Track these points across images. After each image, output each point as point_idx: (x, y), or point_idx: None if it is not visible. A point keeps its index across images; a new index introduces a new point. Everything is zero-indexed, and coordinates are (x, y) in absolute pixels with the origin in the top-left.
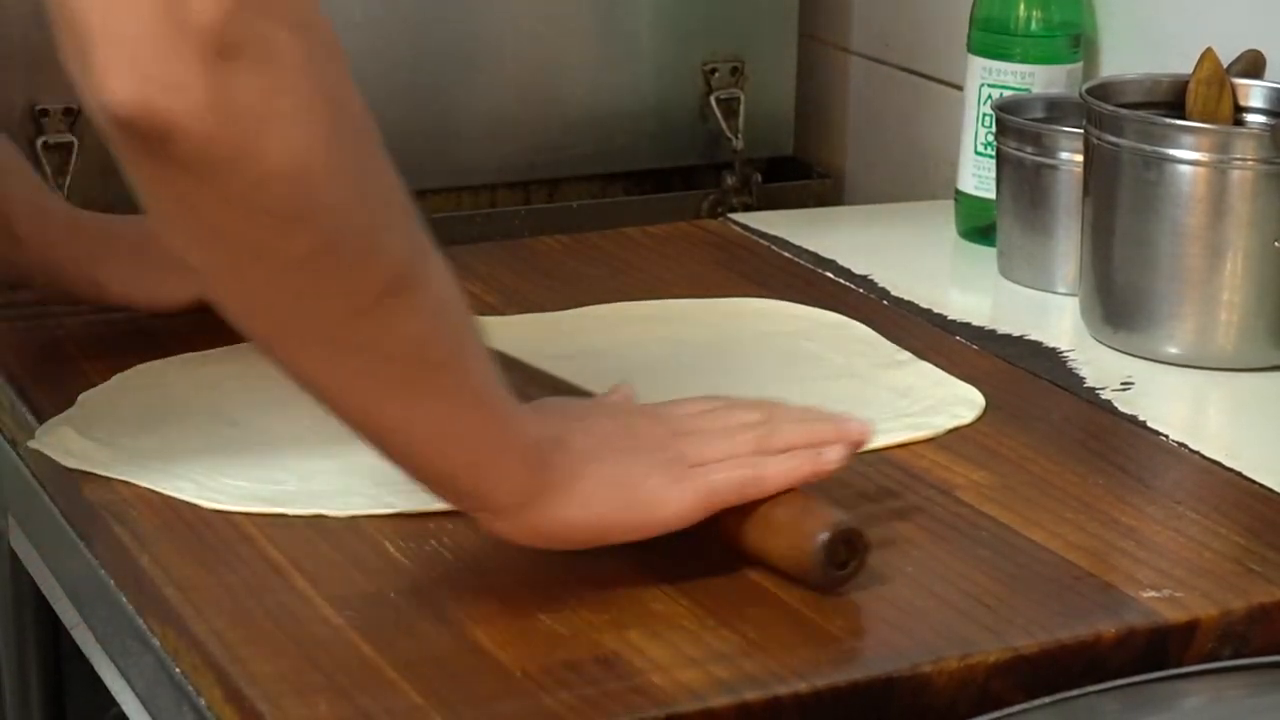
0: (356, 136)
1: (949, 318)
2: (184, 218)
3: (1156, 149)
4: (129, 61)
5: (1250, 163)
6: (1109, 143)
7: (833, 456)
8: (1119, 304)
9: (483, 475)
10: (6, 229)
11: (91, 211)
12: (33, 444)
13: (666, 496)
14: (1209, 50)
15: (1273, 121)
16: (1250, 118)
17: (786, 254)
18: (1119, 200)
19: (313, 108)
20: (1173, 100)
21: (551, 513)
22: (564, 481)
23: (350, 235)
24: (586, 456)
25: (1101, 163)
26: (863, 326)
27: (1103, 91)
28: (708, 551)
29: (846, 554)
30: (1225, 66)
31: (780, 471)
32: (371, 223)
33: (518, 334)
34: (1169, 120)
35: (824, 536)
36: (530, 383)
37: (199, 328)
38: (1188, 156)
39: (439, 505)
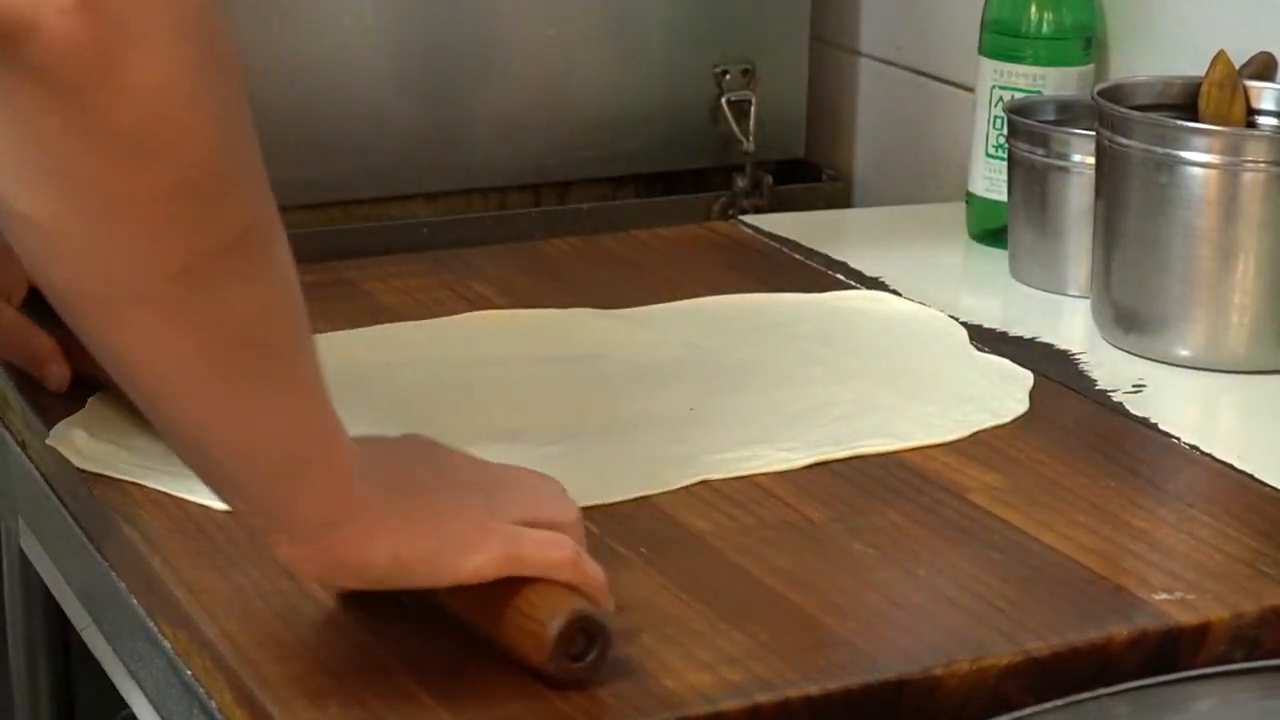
0: (223, 73)
1: (960, 320)
2: (24, 145)
3: (1168, 151)
4: None
5: (1262, 165)
6: (1120, 145)
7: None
8: (1130, 306)
9: (288, 487)
10: None
11: None
12: (49, 441)
13: (474, 545)
14: (1221, 53)
15: None
16: (1262, 120)
17: (798, 256)
18: (1130, 202)
19: (185, 28)
20: (1184, 102)
21: (351, 544)
22: (370, 511)
23: (203, 177)
24: (396, 489)
25: (1113, 165)
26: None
27: (1114, 94)
28: (719, 553)
29: (584, 644)
30: (1237, 69)
31: (593, 571)
32: (226, 168)
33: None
34: (1180, 122)
35: (558, 625)
36: None
37: None
38: (1199, 159)
39: None
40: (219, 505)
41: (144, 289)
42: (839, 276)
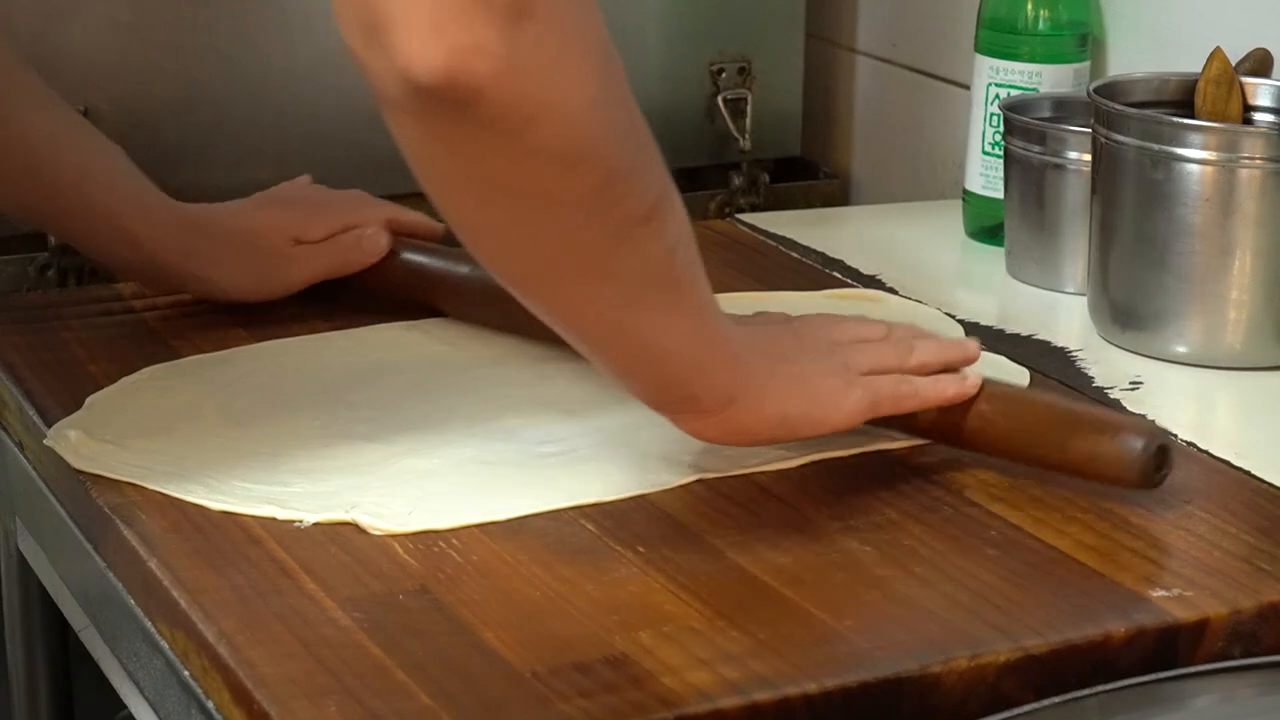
0: (617, 78)
1: (957, 318)
2: (473, 176)
3: (1164, 148)
4: (433, 33)
5: (1258, 161)
6: (1116, 142)
7: (974, 380)
8: (1127, 303)
9: (700, 380)
10: (120, 229)
11: (198, 205)
12: (47, 442)
13: (841, 398)
14: (1218, 50)
15: None
16: (1259, 116)
17: (794, 254)
18: (1127, 199)
19: (590, 56)
20: (1181, 99)
21: (747, 411)
22: (758, 382)
23: (620, 170)
24: (773, 358)
25: (1109, 162)
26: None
27: (1110, 91)
28: (717, 551)
29: (1161, 459)
30: (1233, 65)
31: (932, 391)
32: (635, 156)
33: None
34: (1177, 119)
35: (1147, 443)
36: None
37: (205, 329)
38: (1195, 155)
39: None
40: (216, 505)
41: (580, 265)
42: (835, 274)
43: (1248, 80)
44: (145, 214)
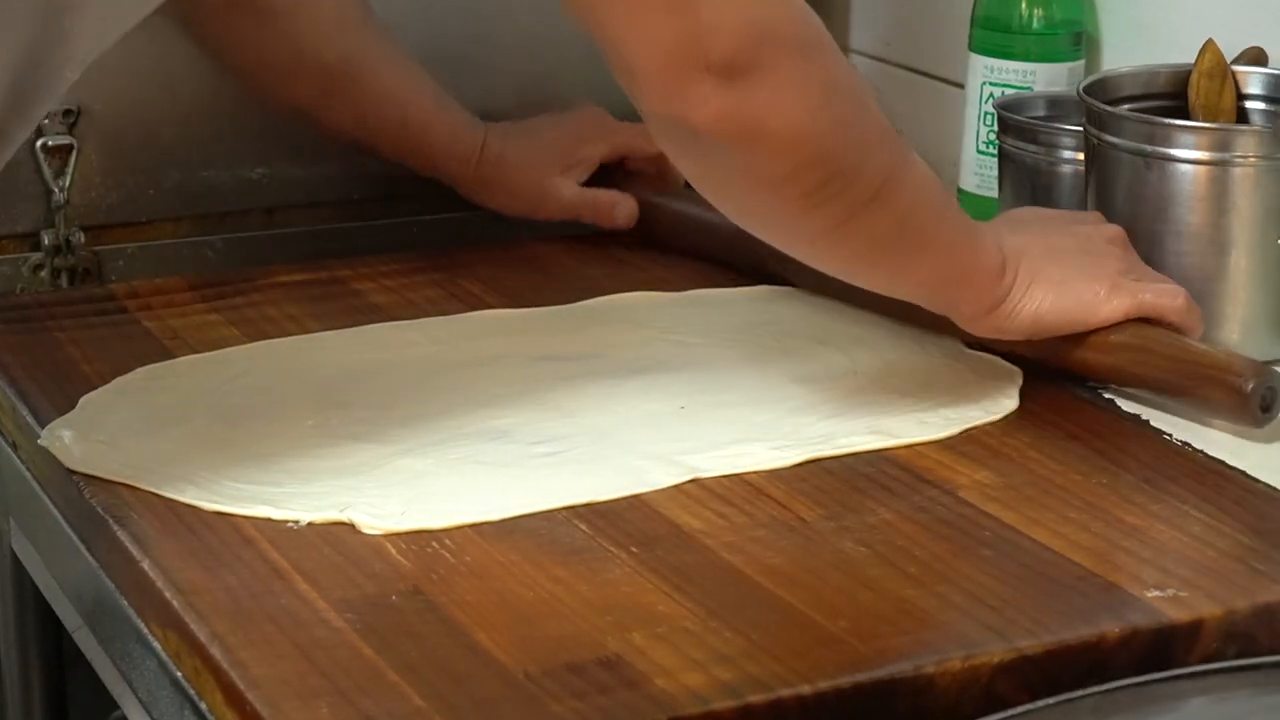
0: (843, 98)
1: None
2: (712, 178)
3: (1157, 148)
4: (665, 88)
5: (1252, 159)
6: (1109, 142)
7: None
8: None
9: (961, 293)
10: (434, 165)
11: (497, 136)
12: (41, 443)
13: (1103, 299)
14: (1210, 42)
15: (1273, 111)
16: (1251, 105)
17: None
18: (1120, 198)
19: (806, 92)
20: (1172, 91)
21: (1011, 312)
22: (1022, 285)
23: (838, 170)
24: (1040, 261)
25: (1102, 161)
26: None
27: (1101, 87)
28: (711, 552)
29: (1270, 399)
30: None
31: (1198, 314)
32: (856, 156)
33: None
34: (1169, 121)
35: (1255, 383)
36: None
37: (199, 329)
38: (1189, 155)
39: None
40: (209, 506)
41: (814, 237)
42: None
43: (1240, 69)
44: (456, 156)
